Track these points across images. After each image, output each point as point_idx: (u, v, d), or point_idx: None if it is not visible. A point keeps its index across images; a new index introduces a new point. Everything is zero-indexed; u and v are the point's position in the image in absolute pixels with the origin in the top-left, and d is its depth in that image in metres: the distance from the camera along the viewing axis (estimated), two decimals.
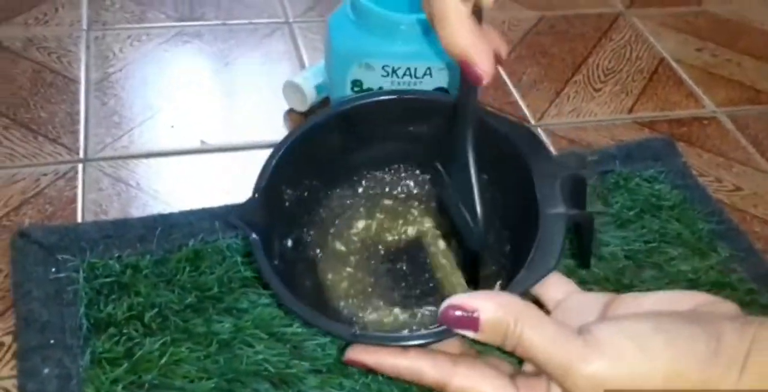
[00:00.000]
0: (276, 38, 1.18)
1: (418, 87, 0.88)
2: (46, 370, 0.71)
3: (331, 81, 0.94)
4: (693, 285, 0.85)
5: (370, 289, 0.60)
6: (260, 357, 0.73)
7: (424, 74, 0.87)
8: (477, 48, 0.43)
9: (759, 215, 0.98)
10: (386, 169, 0.63)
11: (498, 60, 0.45)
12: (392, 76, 0.86)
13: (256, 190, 0.54)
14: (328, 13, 1.21)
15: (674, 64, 1.22)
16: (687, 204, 0.95)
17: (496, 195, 0.56)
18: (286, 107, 1.05)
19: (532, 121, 1.08)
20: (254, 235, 0.50)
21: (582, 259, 0.58)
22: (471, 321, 0.42)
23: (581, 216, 0.50)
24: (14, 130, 0.97)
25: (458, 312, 0.42)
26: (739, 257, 0.90)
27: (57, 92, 1.03)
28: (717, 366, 0.38)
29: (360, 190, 0.63)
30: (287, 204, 0.57)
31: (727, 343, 0.39)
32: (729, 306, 0.44)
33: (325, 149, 0.58)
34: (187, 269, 0.79)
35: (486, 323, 0.41)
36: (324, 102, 1.05)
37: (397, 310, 0.59)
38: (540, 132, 1.06)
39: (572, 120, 1.09)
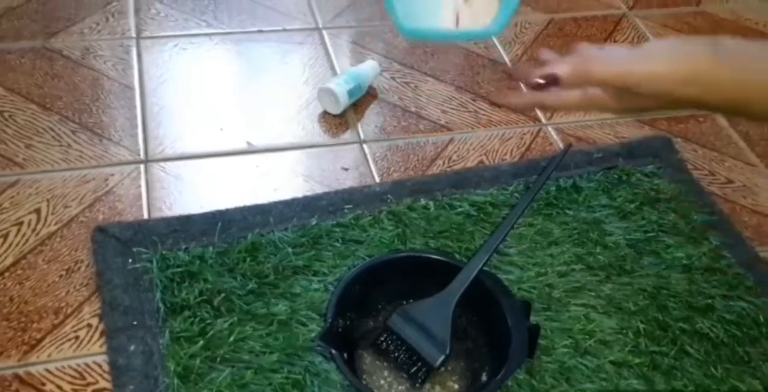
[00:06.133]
0: (308, 44, 1.29)
1: None
2: (132, 347, 0.84)
3: None
4: (687, 269, 0.97)
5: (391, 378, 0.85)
6: (313, 334, 0.85)
7: None
8: None
9: (747, 205, 1.09)
10: (393, 303, 0.88)
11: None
12: None
13: (327, 320, 0.82)
14: (355, 20, 1.33)
15: None
16: (683, 196, 1.07)
17: (473, 318, 0.89)
18: (321, 110, 1.17)
19: (543, 120, 1.20)
20: (333, 351, 0.78)
21: (530, 352, 0.83)
22: (554, 78, 0.62)
23: (534, 325, 0.84)
24: (81, 133, 1.08)
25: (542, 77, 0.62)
26: (728, 244, 1.02)
27: (115, 98, 1.14)
28: (716, 59, 0.57)
29: (380, 318, 0.89)
30: (340, 329, 0.83)
31: (721, 46, 0.58)
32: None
33: (354, 293, 0.86)
34: (247, 259, 0.92)
35: (567, 75, 0.61)
36: (355, 105, 1.17)
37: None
38: (550, 130, 1.18)
39: (579, 119, 1.20)
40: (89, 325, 0.87)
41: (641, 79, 0.59)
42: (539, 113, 1.21)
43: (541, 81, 0.62)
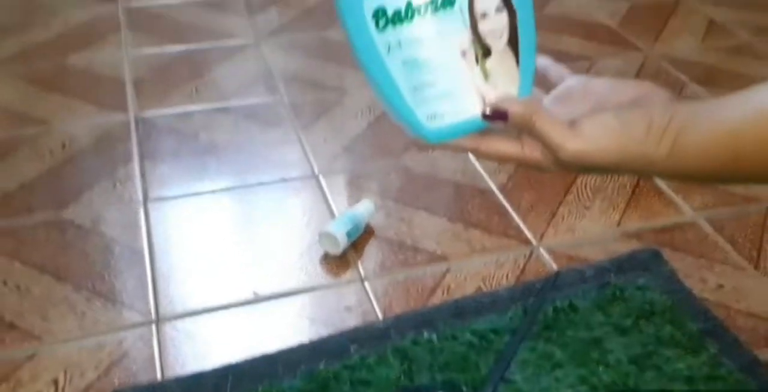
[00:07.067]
0: (306, 190, 1.36)
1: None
2: None
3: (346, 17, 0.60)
4: (689, 380, 0.99)
5: None
6: None
7: None
8: None
9: (741, 309, 1.12)
10: None
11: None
12: None
13: None
14: (349, 163, 1.41)
15: None
16: (676, 306, 1.10)
17: None
18: (322, 251, 1.23)
19: (534, 242, 1.24)
20: None
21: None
22: (503, 115, 0.61)
23: None
24: (95, 300, 1.14)
25: (491, 110, 0.62)
26: (726, 351, 1.04)
27: (126, 263, 1.21)
28: (647, 141, 0.57)
29: None
30: None
31: (655, 123, 0.57)
32: (663, 93, 0.62)
33: None
34: None
35: (514, 115, 0.61)
36: (354, 244, 1.22)
37: None
38: (542, 252, 1.22)
39: (569, 238, 1.25)
40: None
41: (571, 155, 0.59)
42: (529, 235, 1.26)
43: (489, 113, 0.62)
